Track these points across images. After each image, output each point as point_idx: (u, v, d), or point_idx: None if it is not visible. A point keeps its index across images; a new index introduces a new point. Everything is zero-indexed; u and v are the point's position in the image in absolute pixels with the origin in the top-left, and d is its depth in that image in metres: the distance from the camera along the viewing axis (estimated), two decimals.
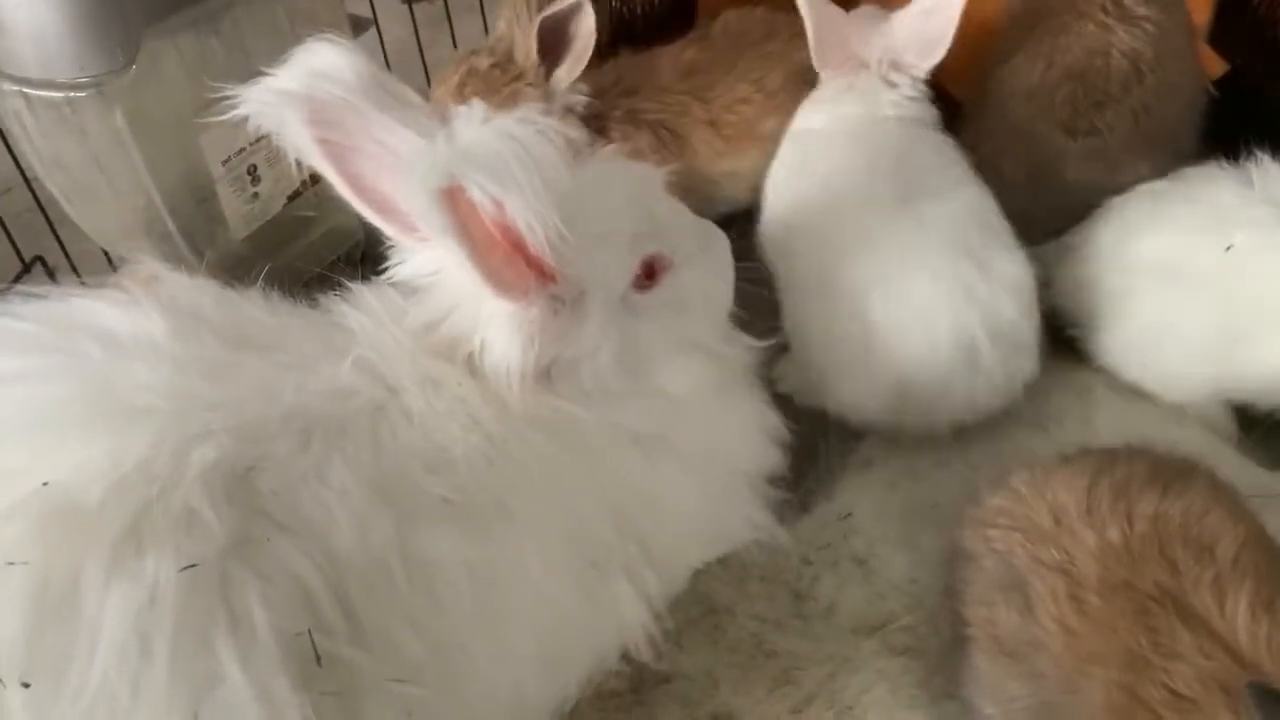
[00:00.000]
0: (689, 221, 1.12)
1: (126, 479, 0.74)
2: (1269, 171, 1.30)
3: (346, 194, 0.95)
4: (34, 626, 0.68)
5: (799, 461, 1.23)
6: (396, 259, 1.01)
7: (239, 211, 1.44)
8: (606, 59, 1.69)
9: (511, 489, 0.92)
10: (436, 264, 0.98)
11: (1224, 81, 1.62)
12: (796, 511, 1.27)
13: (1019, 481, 1.02)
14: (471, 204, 0.82)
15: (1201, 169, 1.38)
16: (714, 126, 1.62)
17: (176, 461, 0.77)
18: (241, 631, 0.72)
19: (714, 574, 1.24)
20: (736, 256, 1.16)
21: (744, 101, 1.63)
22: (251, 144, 1.39)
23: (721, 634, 1.20)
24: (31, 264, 1.57)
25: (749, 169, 1.63)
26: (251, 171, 1.42)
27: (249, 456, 0.80)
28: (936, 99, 1.55)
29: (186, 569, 0.72)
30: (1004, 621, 0.95)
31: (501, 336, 0.94)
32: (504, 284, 0.90)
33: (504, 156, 0.81)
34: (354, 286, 1.01)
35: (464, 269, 0.87)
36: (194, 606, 0.71)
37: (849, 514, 1.32)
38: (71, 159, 1.30)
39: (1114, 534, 0.92)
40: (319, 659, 0.75)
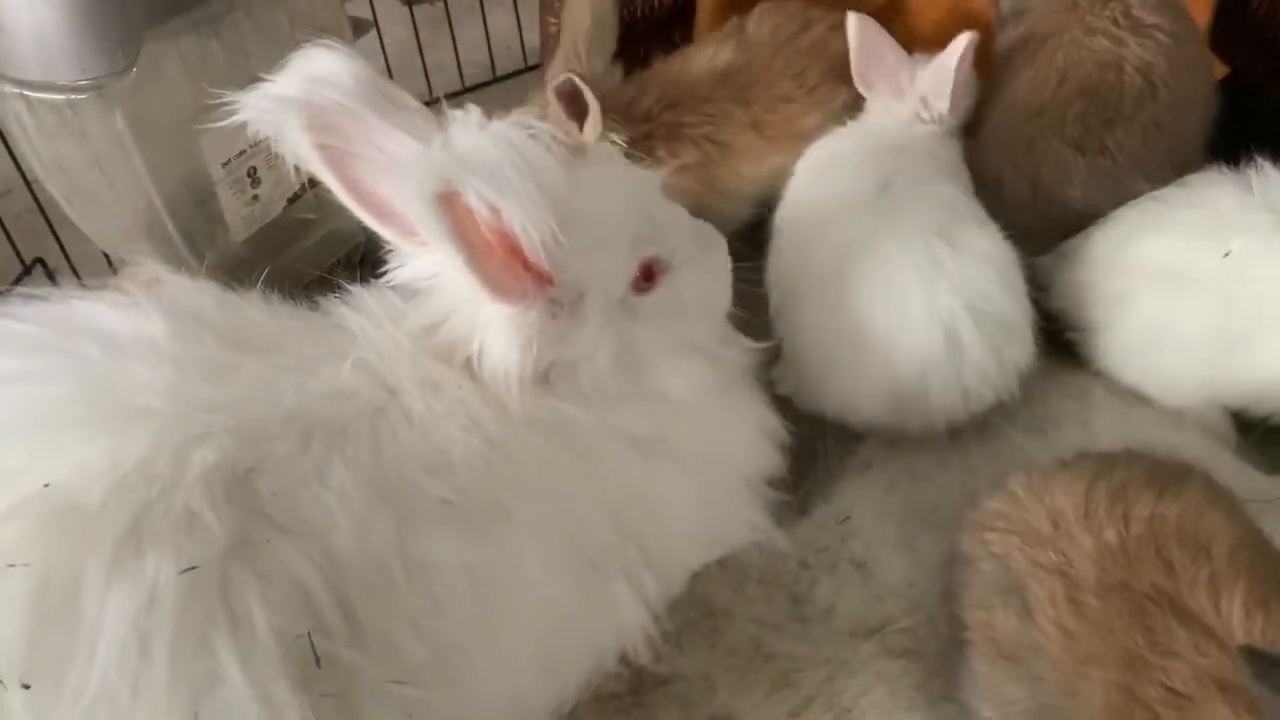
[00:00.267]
0: (687, 224, 1.12)
1: (127, 480, 0.74)
2: (1269, 177, 1.30)
3: (345, 199, 0.95)
4: (34, 627, 0.68)
5: (798, 464, 1.23)
6: (396, 262, 1.01)
7: (239, 214, 1.44)
8: (633, 66, 1.65)
9: (510, 491, 0.92)
10: (435, 267, 0.98)
11: (1224, 83, 1.62)
12: (795, 514, 1.26)
13: (1016, 485, 1.02)
14: (468, 209, 0.82)
15: (1202, 174, 1.38)
16: (756, 128, 1.58)
17: (177, 462, 0.77)
18: (241, 633, 0.72)
19: (712, 576, 1.24)
20: (735, 257, 1.16)
21: (786, 100, 1.60)
22: (252, 146, 1.39)
23: (720, 636, 1.20)
24: (32, 266, 1.57)
25: (793, 167, 1.57)
26: (252, 174, 1.42)
27: (249, 458, 0.80)
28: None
29: (187, 571, 0.72)
30: (1002, 625, 0.95)
31: (500, 339, 0.94)
32: (501, 288, 0.90)
33: (500, 162, 0.82)
34: (354, 289, 1.02)
35: (462, 273, 0.88)
36: (194, 607, 0.71)
37: (847, 517, 1.32)
38: (72, 161, 1.30)
39: (1111, 536, 0.92)
40: (319, 660, 0.75)
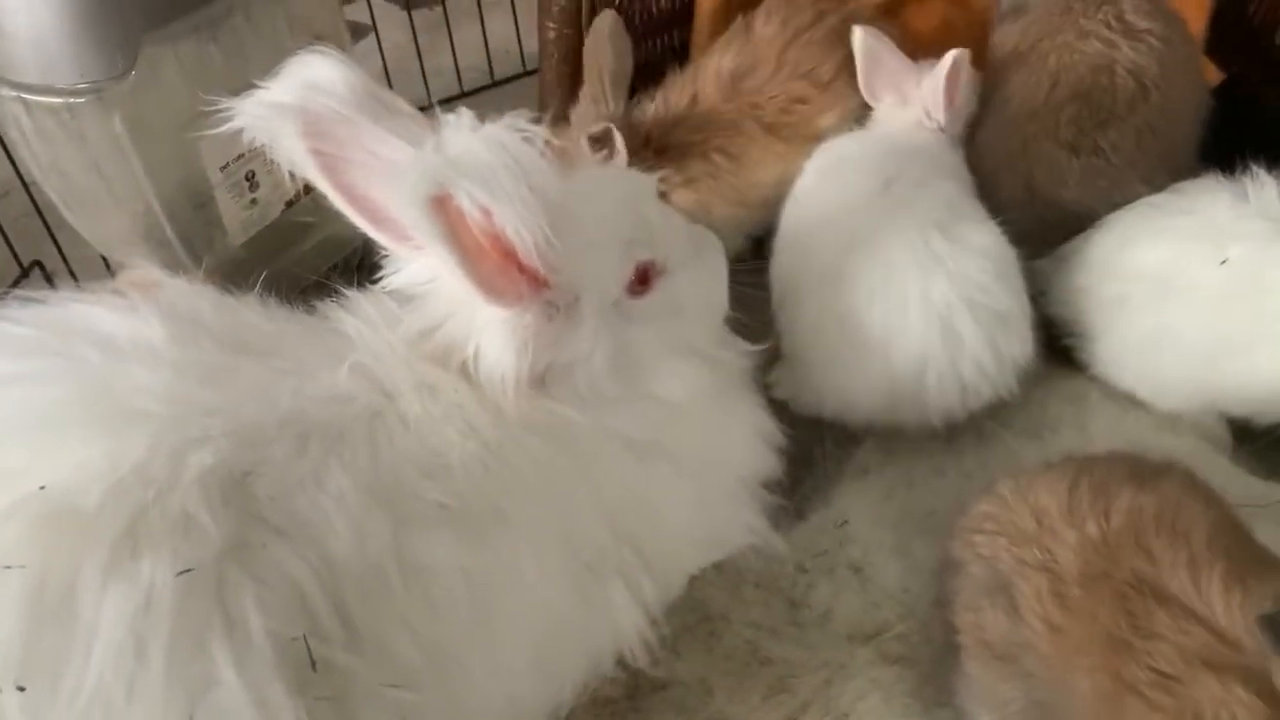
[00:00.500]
0: (682, 227, 1.12)
1: (124, 482, 0.74)
2: (1265, 185, 1.30)
3: (340, 204, 0.95)
4: (30, 629, 0.68)
5: (795, 468, 1.24)
6: (392, 267, 1.02)
7: (237, 217, 1.44)
8: (648, 82, 1.61)
9: (507, 494, 0.92)
10: (431, 272, 0.98)
11: (1220, 89, 1.62)
12: (792, 518, 1.27)
13: (1004, 488, 1.03)
14: (460, 212, 0.82)
15: (1198, 181, 1.38)
16: (771, 132, 1.52)
17: (174, 465, 0.77)
18: (237, 635, 0.72)
19: (709, 580, 1.23)
20: (733, 259, 1.16)
21: (799, 100, 1.53)
22: (250, 150, 1.39)
23: (717, 641, 1.20)
24: (30, 269, 1.57)
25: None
26: (250, 177, 1.43)
27: (246, 461, 0.81)
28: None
29: (183, 573, 0.72)
30: (992, 625, 0.95)
31: (496, 343, 0.94)
32: (496, 291, 0.90)
33: (491, 164, 0.82)
34: (350, 294, 1.02)
35: (456, 276, 0.88)
36: (190, 610, 0.71)
37: (845, 521, 1.32)
38: (70, 164, 1.30)
39: (1092, 529, 0.93)
40: (314, 664, 0.75)
